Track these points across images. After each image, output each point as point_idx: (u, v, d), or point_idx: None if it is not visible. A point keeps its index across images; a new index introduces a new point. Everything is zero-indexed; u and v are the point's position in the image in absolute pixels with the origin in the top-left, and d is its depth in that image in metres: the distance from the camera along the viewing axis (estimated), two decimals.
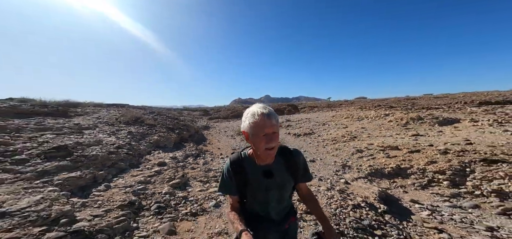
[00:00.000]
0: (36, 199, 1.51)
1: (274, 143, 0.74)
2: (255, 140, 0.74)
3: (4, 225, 1.20)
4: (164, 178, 2.76)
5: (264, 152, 0.75)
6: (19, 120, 3.78)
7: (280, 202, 0.87)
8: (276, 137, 0.74)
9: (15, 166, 1.98)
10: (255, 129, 0.73)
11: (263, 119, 0.71)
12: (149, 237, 1.69)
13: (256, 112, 0.73)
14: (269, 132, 0.72)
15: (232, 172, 0.82)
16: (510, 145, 3.39)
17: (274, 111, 0.76)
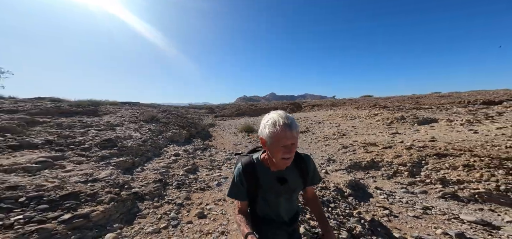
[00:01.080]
0: (108, 172, 2.48)
1: (292, 154, 0.75)
2: (273, 149, 0.74)
3: (98, 185, 2.17)
4: (179, 165, 3.71)
5: (280, 161, 0.76)
6: (64, 118, 4.88)
7: (290, 205, 0.90)
8: (294, 149, 0.75)
9: (84, 152, 2.99)
10: (274, 139, 0.72)
11: (284, 130, 0.71)
12: (173, 200, 2.62)
13: (278, 121, 0.73)
14: (288, 144, 0.72)
15: (244, 177, 0.83)
16: (463, 142, 4.04)
17: (295, 121, 0.76)
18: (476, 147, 3.67)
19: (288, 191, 0.86)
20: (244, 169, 0.83)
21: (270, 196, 0.85)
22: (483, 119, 5.24)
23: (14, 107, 4.88)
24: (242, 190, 0.84)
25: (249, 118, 14.68)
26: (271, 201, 0.86)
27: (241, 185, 0.84)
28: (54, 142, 3.07)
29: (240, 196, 0.86)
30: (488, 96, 12.86)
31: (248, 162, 0.85)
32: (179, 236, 1.86)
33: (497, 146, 3.59)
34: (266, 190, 0.84)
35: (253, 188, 0.83)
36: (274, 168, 0.83)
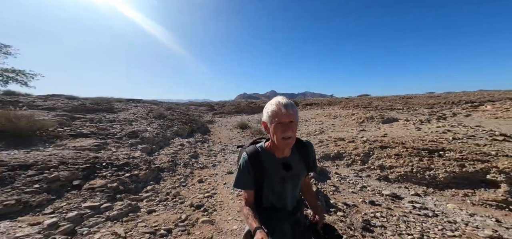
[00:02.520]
0: (138, 153, 3.79)
1: (290, 133, 0.79)
2: (273, 129, 0.80)
3: (136, 161, 3.47)
4: (184, 152, 5.01)
5: (281, 142, 0.80)
6: (92, 115, 6.18)
7: (294, 193, 0.94)
8: (293, 126, 0.79)
9: (119, 140, 4.30)
10: (272, 118, 0.79)
11: (280, 108, 0.78)
12: (182, 173, 3.90)
13: (275, 102, 0.81)
14: (285, 121, 0.77)
15: (250, 165, 0.87)
16: (403, 137, 5.28)
17: (292, 102, 0.82)
18: (409, 140, 4.91)
19: (293, 177, 0.90)
20: (249, 157, 0.88)
21: (276, 183, 0.88)
22: (434, 120, 6.45)
23: (53, 105, 6.20)
24: (249, 179, 0.88)
25: (246, 116, 15.95)
26: (276, 188, 0.89)
27: (248, 173, 0.87)
28: (97, 133, 4.39)
29: (247, 185, 0.89)
30: (472, 97, 13.97)
31: (253, 151, 0.90)
32: (187, 190, 3.15)
33: (422, 140, 4.83)
34: (272, 177, 0.87)
35: (259, 176, 0.87)
36: (279, 154, 0.87)
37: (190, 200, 2.63)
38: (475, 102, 9.03)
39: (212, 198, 2.79)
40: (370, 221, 2.63)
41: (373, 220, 2.65)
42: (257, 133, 8.50)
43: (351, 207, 3.13)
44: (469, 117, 6.77)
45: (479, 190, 3.62)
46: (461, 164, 3.89)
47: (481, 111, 7.30)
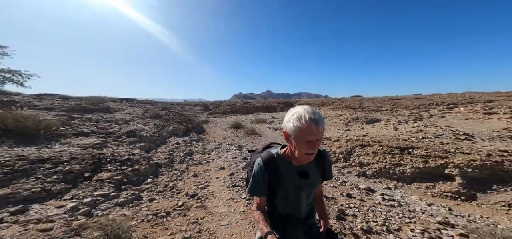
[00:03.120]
0: (137, 151, 4.16)
1: (315, 149, 0.77)
2: (296, 144, 0.76)
3: (136, 157, 3.85)
4: (180, 150, 5.39)
5: (303, 156, 0.78)
6: (90, 115, 6.44)
7: (308, 201, 0.95)
8: (318, 144, 0.76)
9: (118, 139, 4.64)
10: (298, 134, 0.74)
11: (309, 126, 0.72)
12: (178, 169, 4.29)
13: (304, 116, 0.73)
14: (312, 140, 0.74)
15: (266, 172, 0.86)
16: (382, 136, 5.86)
17: (321, 116, 0.77)
18: (385, 140, 5.49)
19: (309, 185, 0.90)
20: (265, 164, 0.87)
21: (291, 191, 0.89)
22: (411, 121, 7.11)
23: (49, 105, 6.41)
24: (263, 186, 0.88)
25: (240, 116, 16.36)
26: (291, 196, 0.90)
27: (262, 180, 0.87)
28: (97, 132, 4.71)
29: (261, 192, 0.89)
30: (454, 99, 14.93)
31: (269, 157, 0.89)
32: (183, 183, 3.55)
33: (397, 139, 5.42)
34: (287, 185, 0.88)
35: (274, 183, 0.87)
36: (295, 162, 0.86)
37: (185, 191, 3.05)
38: (451, 104, 9.83)
39: (205, 189, 3.21)
40: (344, 211, 2.95)
41: (347, 210, 2.97)
42: (250, 133, 8.94)
43: (330, 199, 3.55)
44: (443, 118, 7.47)
45: (438, 183, 4.20)
46: (425, 160, 4.47)
47: (455, 113, 8.03)
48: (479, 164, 3.91)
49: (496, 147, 4.44)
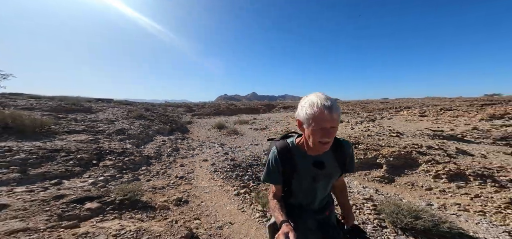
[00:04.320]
0: (129, 146, 4.85)
1: (330, 138, 0.74)
2: (310, 132, 0.75)
3: (129, 151, 4.57)
4: (167, 146, 6.11)
5: (318, 145, 0.76)
6: (73, 115, 6.74)
7: (324, 192, 0.93)
8: (334, 132, 0.74)
9: (109, 136, 5.23)
10: (312, 121, 0.72)
11: (322, 112, 0.70)
12: (166, 161, 5.04)
13: (316, 103, 0.72)
14: (327, 127, 0.72)
15: (280, 161, 0.87)
16: (340, 134, 7.31)
17: (336, 103, 0.74)
18: (343, 136, 6.93)
19: (324, 176, 0.88)
20: (279, 153, 0.87)
21: (305, 181, 0.88)
22: (365, 122, 8.80)
23: (29, 105, 6.58)
24: (277, 174, 0.89)
25: (224, 117, 17.15)
26: (305, 186, 0.90)
27: (276, 169, 0.88)
28: (87, 130, 5.23)
29: (276, 180, 0.90)
30: (411, 103, 17.77)
31: (284, 146, 0.88)
32: (172, 170, 4.35)
33: (350, 136, 6.89)
34: (301, 175, 0.87)
35: (288, 172, 0.87)
36: (311, 152, 0.85)
37: (175, 174, 3.90)
38: (398, 108, 12.03)
39: (191, 174, 4.10)
40: None
41: None
42: (232, 133, 9.87)
43: None
44: (390, 120, 9.33)
45: (372, 170, 5.65)
46: (365, 153, 5.93)
47: (399, 116, 10.04)
48: (397, 154, 5.45)
49: (412, 142, 6.11)
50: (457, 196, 4.28)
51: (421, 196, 4.52)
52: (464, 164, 4.78)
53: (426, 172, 5.00)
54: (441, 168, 4.81)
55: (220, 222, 2.25)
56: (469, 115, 8.02)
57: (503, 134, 6.26)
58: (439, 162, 5.00)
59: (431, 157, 5.17)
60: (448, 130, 7.15)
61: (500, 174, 4.46)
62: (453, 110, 8.68)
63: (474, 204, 3.99)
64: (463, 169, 4.63)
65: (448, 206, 4.07)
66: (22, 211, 1.63)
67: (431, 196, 4.45)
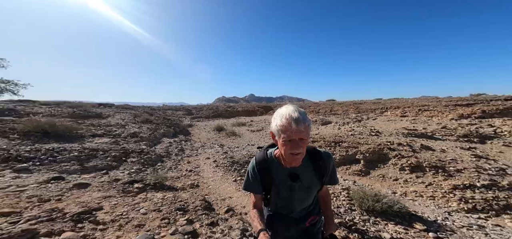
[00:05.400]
0: (144, 146, 5.87)
1: (300, 150, 0.77)
2: (281, 144, 0.79)
3: (145, 150, 5.58)
4: (173, 147, 7.11)
5: (289, 156, 0.80)
6: (87, 120, 7.70)
7: (303, 203, 0.97)
8: (303, 144, 0.78)
9: (125, 139, 6.23)
10: (282, 133, 0.77)
11: (290, 124, 0.74)
12: (175, 158, 6.05)
13: (285, 115, 0.77)
14: (295, 138, 0.75)
15: (258, 171, 0.92)
16: (328, 134, 8.39)
17: (305, 115, 0.79)
18: (328, 136, 8.00)
19: (301, 188, 0.92)
20: (257, 164, 0.93)
21: (283, 191, 0.93)
22: (352, 122, 9.91)
23: (49, 112, 7.53)
24: (256, 184, 0.94)
25: (223, 120, 18.15)
26: (283, 196, 0.94)
27: (255, 178, 0.93)
28: (106, 134, 6.22)
29: (255, 189, 0.95)
30: (400, 104, 18.93)
31: (262, 157, 0.94)
32: (182, 165, 5.36)
33: (336, 136, 7.97)
34: (278, 186, 0.92)
35: (267, 183, 0.92)
36: (287, 164, 0.88)
37: (185, 168, 4.91)
38: (383, 109, 13.19)
39: (197, 168, 5.12)
40: None
41: None
42: (231, 135, 10.89)
43: None
44: (375, 120, 10.45)
45: (352, 165, 6.72)
46: (346, 150, 7.01)
47: (384, 116, 11.17)
48: (372, 151, 6.53)
49: (386, 140, 7.20)
50: (416, 184, 5.38)
51: (389, 186, 5.61)
52: (423, 158, 5.88)
53: (394, 165, 6.11)
54: (405, 162, 5.92)
55: (223, 196, 3.27)
56: (442, 115, 9.16)
57: (465, 132, 7.38)
58: (404, 156, 6.10)
59: (398, 153, 6.27)
60: (421, 128, 8.27)
61: (451, 165, 5.57)
62: (429, 111, 9.81)
63: (427, 190, 5.07)
64: (422, 162, 5.73)
65: (408, 193, 5.17)
66: (99, 188, 2.60)
67: (396, 185, 5.54)
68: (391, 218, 3.73)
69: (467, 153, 6.16)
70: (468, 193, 4.63)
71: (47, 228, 1.52)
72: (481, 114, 8.39)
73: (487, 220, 4.12)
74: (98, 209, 2.01)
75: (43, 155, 3.43)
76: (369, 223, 3.46)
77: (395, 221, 3.66)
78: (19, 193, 2.14)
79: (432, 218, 4.03)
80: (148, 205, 2.29)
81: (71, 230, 1.58)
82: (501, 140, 6.90)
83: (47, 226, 1.54)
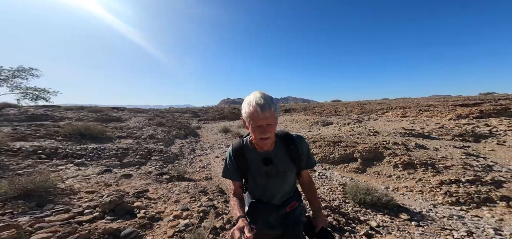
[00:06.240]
0: (161, 147, 6.77)
1: (268, 134, 0.83)
2: (251, 130, 0.85)
3: (164, 150, 6.47)
4: (186, 147, 7.98)
5: (259, 141, 0.86)
6: (110, 124, 8.71)
7: (281, 189, 0.99)
8: (270, 129, 0.83)
9: (145, 140, 7.16)
10: (250, 119, 0.83)
11: (256, 110, 0.79)
12: (188, 157, 6.91)
13: (252, 102, 0.81)
14: (262, 124, 0.81)
15: (234, 158, 0.96)
16: (328, 135, 9.02)
17: (271, 100, 0.82)
18: (328, 136, 8.63)
19: (276, 173, 0.96)
20: (233, 150, 0.98)
21: (258, 177, 0.97)
22: (352, 123, 10.46)
23: (77, 116, 8.61)
24: (233, 171, 0.99)
25: (228, 122, 19.02)
26: (260, 182, 0.98)
27: (231, 166, 0.98)
28: (129, 136, 7.17)
29: (233, 176, 1.00)
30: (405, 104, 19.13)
31: (237, 144, 0.99)
32: (195, 163, 6.19)
33: (335, 136, 8.58)
34: (253, 171, 0.96)
35: (243, 169, 0.96)
36: (259, 149, 0.94)
37: (198, 165, 5.74)
38: (385, 110, 13.59)
39: (208, 165, 5.93)
40: None
41: None
42: (236, 136, 11.69)
43: None
44: (376, 121, 10.95)
45: (350, 163, 7.33)
46: (345, 149, 7.63)
47: (385, 116, 11.63)
48: (369, 149, 7.12)
49: (383, 139, 7.76)
50: (407, 180, 5.96)
51: (383, 181, 6.21)
52: (415, 156, 6.44)
53: (388, 163, 6.71)
54: (398, 160, 6.51)
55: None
56: (441, 115, 9.56)
57: (461, 132, 7.80)
58: (398, 154, 6.68)
59: (393, 151, 6.85)
60: (419, 128, 8.73)
61: (440, 163, 6.12)
62: (430, 111, 10.21)
63: (417, 185, 5.66)
64: (413, 160, 6.30)
65: (400, 188, 5.77)
66: (139, 178, 3.43)
67: (390, 181, 6.14)
68: (380, 209, 4.35)
69: (458, 151, 6.65)
70: (453, 188, 5.19)
71: (124, 199, 2.32)
72: (479, 114, 8.74)
73: (468, 212, 4.68)
74: (146, 191, 2.81)
75: (91, 153, 4.33)
76: (360, 214, 4.08)
77: (383, 212, 4.29)
78: (87, 180, 2.99)
79: (418, 210, 4.63)
80: (178, 189, 3.09)
81: (137, 200, 2.38)
82: (495, 139, 7.29)
83: (121, 199, 2.34)
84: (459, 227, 3.97)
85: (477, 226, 4.04)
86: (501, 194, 4.72)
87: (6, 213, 1.76)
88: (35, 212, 1.84)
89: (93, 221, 1.76)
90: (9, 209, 1.82)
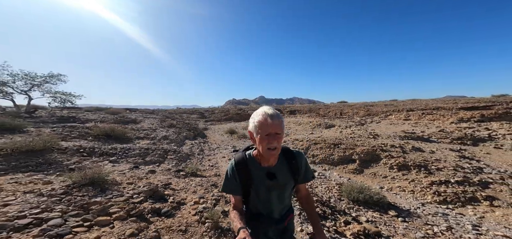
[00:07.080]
0: (174, 147, 7.62)
1: (276, 144, 0.89)
2: (259, 140, 0.90)
3: (177, 150, 7.31)
4: (195, 148, 8.80)
5: (266, 152, 0.91)
6: (128, 125, 9.69)
7: (281, 201, 1.06)
8: (278, 138, 0.90)
9: (160, 141, 8.05)
10: (259, 129, 0.89)
11: (266, 119, 0.88)
12: (198, 157, 7.72)
13: (261, 112, 0.92)
14: (271, 132, 0.88)
15: (237, 172, 1.01)
16: (329, 137, 9.56)
17: (279, 114, 0.93)
18: (329, 139, 9.18)
19: (277, 187, 1.02)
20: (236, 164, 1.02)
21: (261, 191, 1.02)
22: (354, 126, 10.91)
23: (99, 119, 9.66)
24: (235, 185, 1.03)
25: (234, 123, 19.81)
26: (262, 196, 1.03)
27: (234, 179, 1.02)
28: (146, 137, 8.07)
29: (234, 191, 1.04)
30: (413, 106, 19.13)
31: (240, 158, 1.03)
32: (204, 162, 6.97)
33: (336, 138, 9.12)
34: (257, 185, 1.01)
35: (246, 183, 1.00)
36: (264, 162, 1.00)
37: (207, 164, 6.50)
38: (388, 112, 13.85)
39: (216, 164, 6.68)
40: None
41: None
42: (242, 137, 12.43)
43: None
44: (378, 124, 11.32)
45: (349, 164, 7.87)
46: (344, 151, 8.16)
47: (388, 119, 11.96)
48: (366, 151, 7.63)
49: (381, 142, 8.21)
50: (401, 181, 6.47)
51: (379, 182, 6.75)
52: (410, 158, 6.91)
53: (384, 164, 7.22)
54: (394, 162, 7.01)
55: None
56: (443, 119, 9.83)
57: (460, 135, 8.11)
58: (393, 157, 7.16)
59: (389, 153, 7.34)
60: (419, 132, 9.09)
61: (433, 165, 6.57)
62: (432, 114, 10.47)
63: (409, 186, 6.16)
64: (408, 162, 6.78)
65: (393, 188, 6.29)
66: (162, 173, 4.21)
67: (385, 182, 6.66)
68: (372, 206, 4.93)
69: (453, 154, 7.03)
70: (442, 188, 5.68)
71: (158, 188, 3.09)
72: (480, 118, 8.95)
73: (453, 210, 5.17)
74: (170, 184, 3.57)
75: (120, 152, 5.20)
76: (353, 210, 4.68)
77: (374, 209, 4.86)
78: (123, 174, 3.80)
79: (407, 208, 5.16)
80: (194, 183, 3.84)
81: (166, 190, 3.15)
82: (493, 142, 7.57)
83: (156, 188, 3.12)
84: (441, 223, 4.48)
85: (458, 222, 4.54)
86: (486, 194, 5.16)
87: (85, 195, 2.56)
88: (102, 195, 2.62)
89: (141, 203, 2.52)
90: (85, 192, 2.61)
